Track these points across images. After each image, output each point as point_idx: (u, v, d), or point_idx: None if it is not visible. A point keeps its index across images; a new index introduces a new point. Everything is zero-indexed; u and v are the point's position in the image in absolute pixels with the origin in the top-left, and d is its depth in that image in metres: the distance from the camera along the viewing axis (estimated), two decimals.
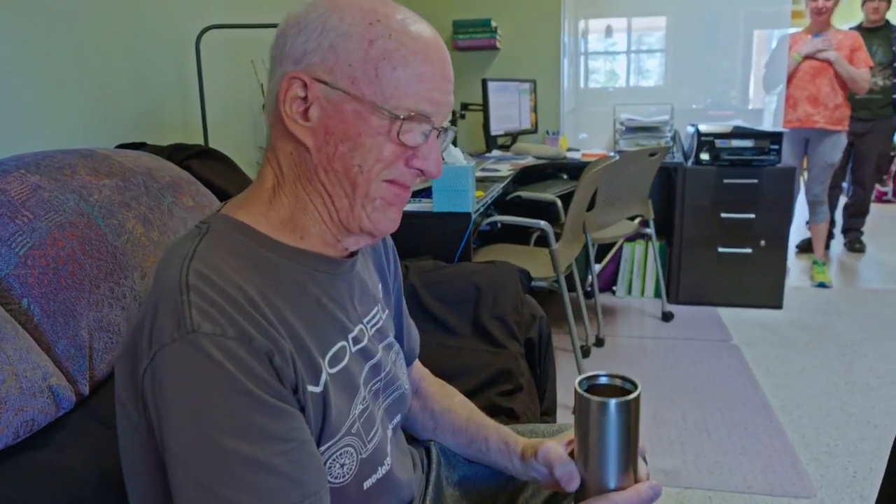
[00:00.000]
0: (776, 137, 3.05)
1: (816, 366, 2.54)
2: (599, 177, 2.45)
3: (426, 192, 2.02)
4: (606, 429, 0.67)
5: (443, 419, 0.95)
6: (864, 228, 4.29)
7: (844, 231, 4.32)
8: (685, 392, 2.34)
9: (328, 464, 0.65)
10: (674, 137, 3.38)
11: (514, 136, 3.49)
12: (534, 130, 3.63)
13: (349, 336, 0.71)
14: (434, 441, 0.97)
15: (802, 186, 3.75)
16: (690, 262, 3.20)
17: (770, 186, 3.05)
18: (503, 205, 2.82)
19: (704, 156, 3.09)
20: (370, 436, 0.71)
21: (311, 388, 0.63)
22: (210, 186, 1.43)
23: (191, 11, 1.91)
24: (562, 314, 2.43)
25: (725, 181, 3.07)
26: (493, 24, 3.51)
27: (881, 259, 4.09)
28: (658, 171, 2.89)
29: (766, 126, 3.47)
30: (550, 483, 0.78)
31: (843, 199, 4.33)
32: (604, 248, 3.41)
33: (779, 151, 3.04)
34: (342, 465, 0.67)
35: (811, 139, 3.52)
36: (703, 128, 3.13)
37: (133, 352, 0.59)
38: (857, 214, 4.23)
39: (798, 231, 4.24)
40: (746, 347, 2.73)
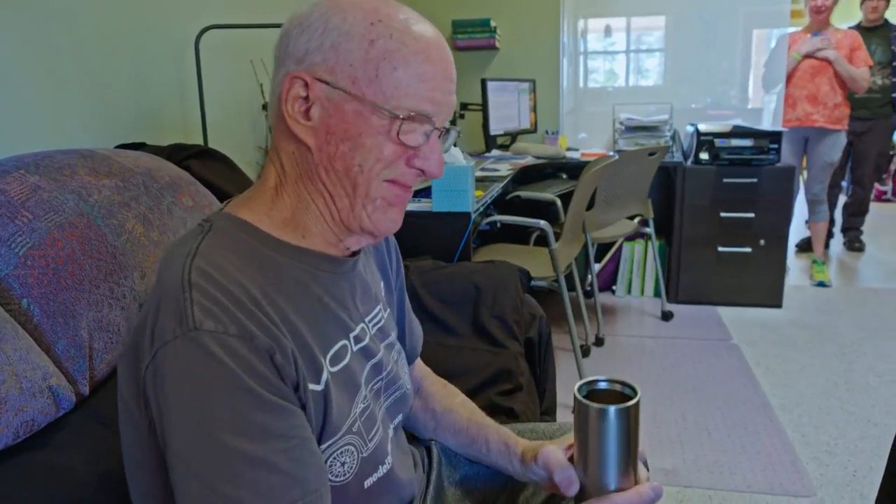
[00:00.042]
0: (775, 137, 3.05)
1: (816, 365, 2.54)
2: (599, 176, 2.45)
3: (426, 192, 2.02)
4: (606, 435, 0.67)
5: (444, 419, 0.95)
6: (864, 227, 4.29)
7: (844, 230, 4.32)
8: (685, 391, 2.35)
9: (329, 462, 0.66)
10: (673, 137, 3.38)
11: (514, 136, 3.49)
12: (533, 130, 3.63)
13: (350, 335, 0.72)
14: (435, 441, 0.97)
15: (802, 185, 3.76)
16: (690, 262, 3.20)
17: (769, 186, 3.06)
18: (503, 204, 2.82)
19: (704, 155, 3.09)
20: (371, 434, 0.71)
21: (313, 387, 0.63)
22: (209, 186, 1.43)
23: (190, 11, 1.91)
24: (561, 314, 2.43)
25: (725, 180, 3.07)
26: (493, 24, 3.51)
27: (881, 258, 4.09)
28: (657, 171, 2.89)
29: (766, 125, 3.47)
30: (550, 486, 0.78)
31: (843, 199, 4.33)
32: (603, 248, 3.41)
33: (778, 151, 3.04)
34: (343, 464, 0.67)
35: (810, 138, 3.52)
36: (703, 127, 3.14)
37: (135, 349, 0.59)
38: (857, 213, 4.23)
39: (797, 230, 4.24)
40: (746, 347, 2.73)
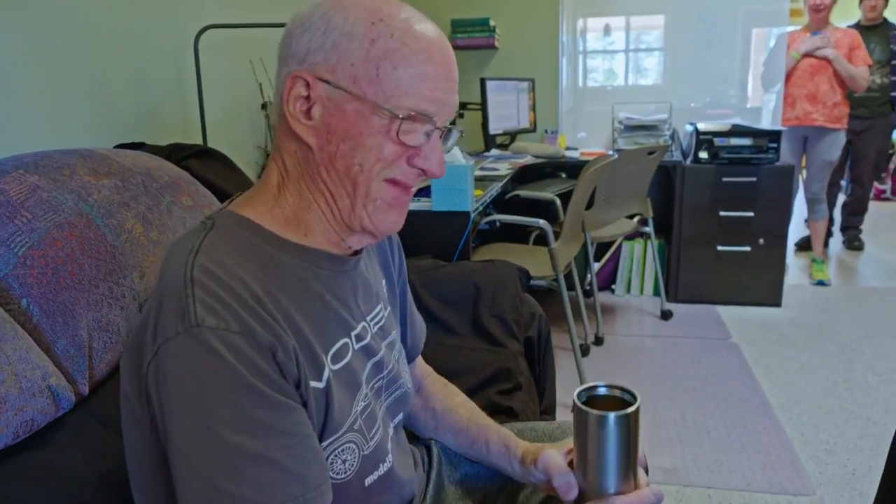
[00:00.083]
0: (774, 136, 3.05)
1: (815, 364, 2.55)
2: (598, 175, 2.45)
3: (425, 192, 2.02)
4: (605, 441, 0.67)
5: (444, 419, 0.95)
6: (863, 226, 4.29)
7: (843, 229, 4.32)
8: (684, 390, 2.35)
9: (330, 460, 0.66)
10: (672, 136, 3.38)
11: (513, 135, 3.49)
12: (532, 129, 3.63)
13: (352, 333, 0.72)
14: (435, 440, 0.97)
15: (801, 184, 3.76)
16: (689, 261, 3.20)
17: (769, 185, 3.06)
18: (502, 204, 2.82)
19: (703, 154, 3.09)
20: (372, 433, 0.72)
21: (314, 384, 0.63)
22: (209, 186, 1.43)
23: (189, 11, 1.91)
24: (561, 313, 2.43)
25: (724, 179, 3.07)
26: (492, 24, 3.51)
27: (880, 257, 4.09)
28: (657, 170, 2.89)
29: (765, 124, 3.47)
30: (549, 489, 0.78)
31: (842, 197, 4.33)
32: (603, 247, 3.42)
33: (777, 150, 3.04)
34: (344, 461, 0.67)
35: (810, 137, 3.52)
36: (702, 126, 3.14)
37: (138, 346, 0.60)
38: (856, 212, 4.23)
39: (797, 229, 4.24)
40: (745, 345, 2.73)
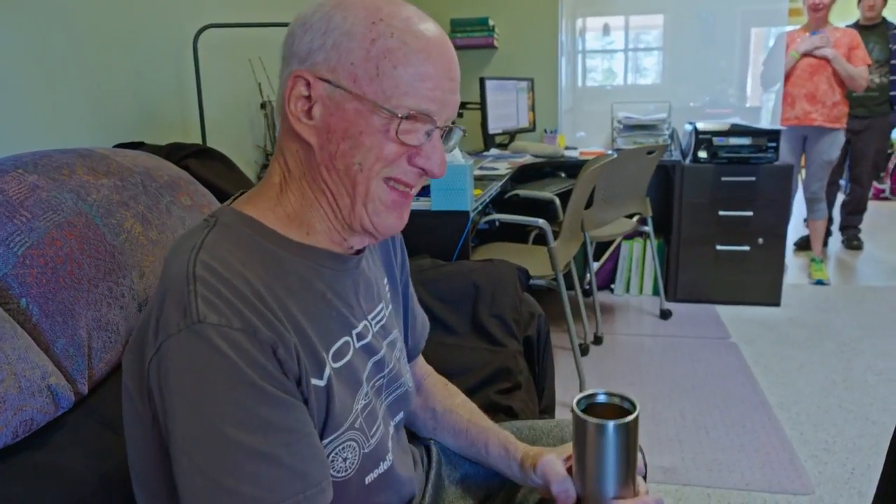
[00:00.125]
0: (774, 135, 3.05)
1: (815, 363, 2.55)
2: (597, 175, 2.45)
3: (424, 191, 2.02)
4: (604, 450, 0.67)
5: (444, 419, 0.95)
6: (862, 226, 4.29)
7: (842, 228, 4.32)
8: (684, 390, 2.35)
9: (331, 457, 0.66)
10: (671, 135, 3.38)
11: (512, 135, 3.49)
12: (532, 129, 3.63)
13: (353, 332, 0.72)
14: (434, 440, 0.97)
15: (800, 184, 3.76)
16: (688, 260, 3.20)
17: (768, 184, 3.06)
18: (501, 203, 2.82)
19: (702, 154, 3.09)
20: (372, 431, 0.72)
21: (315, 382, 0.63)
22: (208, 185, 1.43)
23: (188, 10, 1.90)
24: (560, 312, 2.43)
25: (723, 179, 3.07)
26: (491, 23, 3.51)
27: (879, 256, 4.09)
28: (656, 169, 2.89)
29: (764, 124, 3.47)
30: (548, 494, 0.79)
31: (841, 197, 4.33)
32: (602, 246, 3.42)
33: (776, 149, 3.04)
34: (345, 459, 0.68)
35: (809, 137, 3.52)
36: (701, 126, 3.14)
37: (140, 342, 0.60)
38: (855, 212, 4.23)
39: (796, 228, 4.25)
40: (745, 345, 2.73)
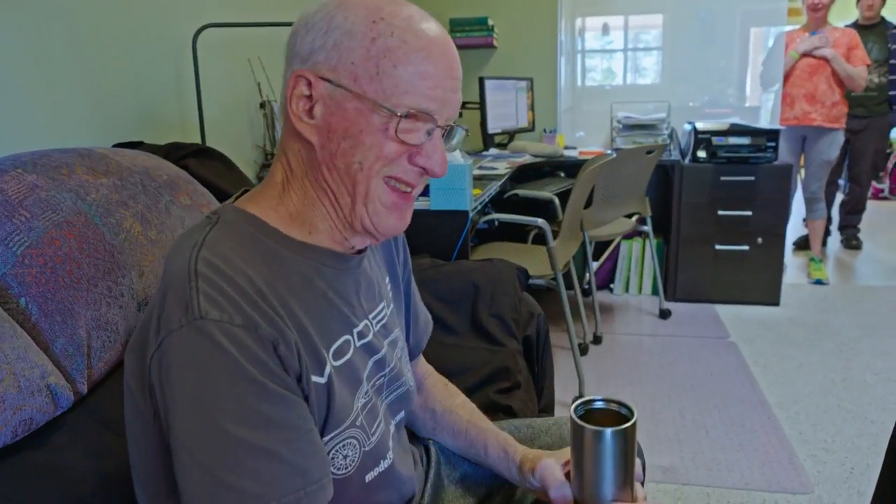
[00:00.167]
0: (773, 135, 3.05)
1: (814, 362, 2.55)
2: (596, 174, 2.45)
3: (423, 191, 2.02)
4: (602, 456, 0.67)
5: (443, 420, 0.95)
6: (861, 225, 4.29)
7: (841, 228, 4.33)
8: (683, 389, 2.35)
9: (331, 454, 0.66)
10: (671, 135, 3.38)
11: (512, 135, 3.49)
12: (531, 128, 3.63)
13: (354, 330, 0.72)
14: (433, 440, 0.97)
15: (799, 184, 3.76)
16: (688, 260, 3.20)
17: (767, 184, 3.06)
18: (500, 203, 2.82)
19: (701, 153, 3.09)
20: (373, 429, 0.72)
21: (315, 379, 0.64)
22: (207, 185, 1.43)
23: (187, 10, 1.90)
24: (559, 312, 2.43)
25: (722, 178, 3.07)
26: (490, 23, 3.51)
27: (878, 256, 4.10)
28: (655, 169, 2.89)
29: (763, 123, 3.47)
30: (545, 498, 0.79)
31: (840, 196, 4.33)
32: (601, 246, 3.42)
33: (775, 149, 3.05)
34: (345, 457, 0.68)
35: (808, 137, 3.52)
36: (700, 125, 3.14)
37: (142, 338, 0.60)
38: (854, 211, 4.24)
39: (795, 228, 4.25)
40: (744, 344, 2.73)
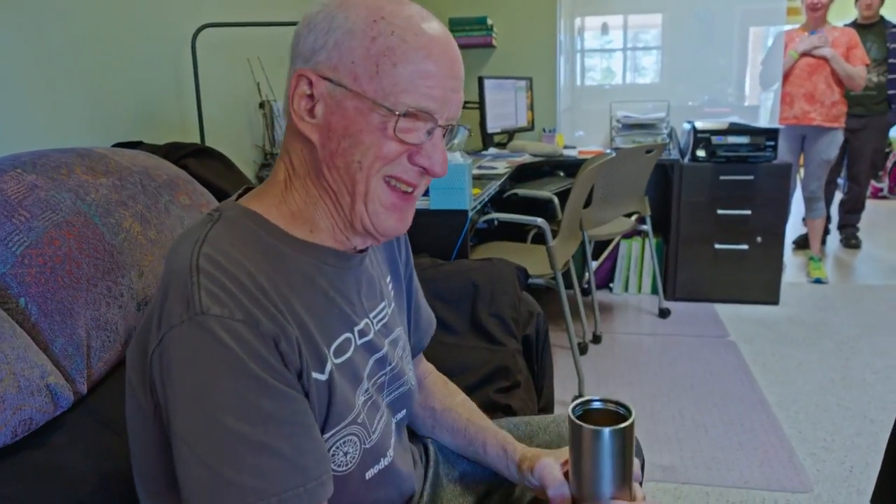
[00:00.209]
0: (772, 134, 3.05)
1: (813, 361, 2.55)
2: (596, 174, 2.45)
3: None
4: (600, 456, 0.67)
5: (443, 418, 0.95)
6: (860, 224, 4.30)
7: (840, 227, 4.33)
8: (682, 388, 2.35)
9: (332, 451, 0.66)
10: (670, 134, 3.38)
11: (511, 134, 3.49)
12: (530, 128, 3.63)
13: (355, 329, 0.72)
14: (432, 439, 0.97)
15: (799, 183, 3.76)
16: (687, 259, 3.21)
17: (766, 183, 3.06)
18: (500, 202, 2.82)
19: (701, 152, 3.09)
20: (374, 427, 0.72)
21: (316, 376, 0.64)
22: (207, 185, 1.43)
23: (187, 10, 1.90)
24: (559, 311, 2.43)
25: (722, 178, 3.07)
26: (489, 22, 3.51)
27: (877, 255, 4.10)
28: (654, 168, 2.89)
29: (763, 123, 3.48)
30: (544, 496, 0.79)
31: (839, 196, 4.34)
32: (601, 245, 3.42)
33: (775, 148, 3.05)
34: (345, 454, 0.68)
35: (808, 136, 3.52)
36: (700, 125, 3.14)
37: (144, 334, 0.60)
38: (853, 210, 4.24)
39: (794, 227, 4.25)
40: (743, 343, 2.73)
